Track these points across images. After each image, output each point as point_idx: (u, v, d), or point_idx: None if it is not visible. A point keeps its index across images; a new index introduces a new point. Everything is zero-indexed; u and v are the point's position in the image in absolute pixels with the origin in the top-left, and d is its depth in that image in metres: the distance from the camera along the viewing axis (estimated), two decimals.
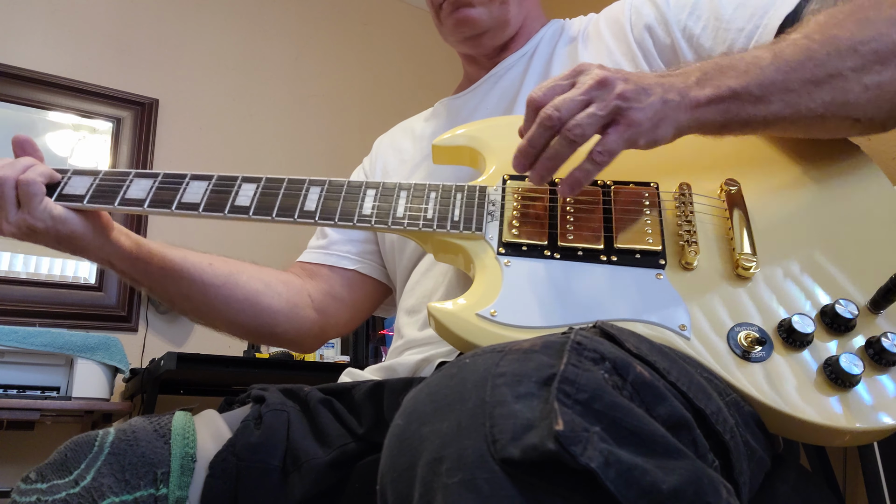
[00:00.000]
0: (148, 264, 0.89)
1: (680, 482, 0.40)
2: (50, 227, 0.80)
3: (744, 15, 0.84)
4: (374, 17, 3.48)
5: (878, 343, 0.61)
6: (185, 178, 0.83)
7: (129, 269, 0.89)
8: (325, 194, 0.80)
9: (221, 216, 0.79)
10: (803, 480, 0.68)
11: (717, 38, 0.85)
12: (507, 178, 0.80)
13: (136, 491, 0.71)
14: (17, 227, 0.79)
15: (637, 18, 0.93)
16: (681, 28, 0.89)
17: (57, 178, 0.83)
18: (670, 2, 0.92)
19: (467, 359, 0.49)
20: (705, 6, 0.88)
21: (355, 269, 1.06)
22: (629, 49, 0.92)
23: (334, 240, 1.08)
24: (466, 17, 0.96)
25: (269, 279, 1.00)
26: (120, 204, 0.81)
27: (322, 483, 0.76)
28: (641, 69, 0.90)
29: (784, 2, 0.82)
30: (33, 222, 0.79)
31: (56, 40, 2.72)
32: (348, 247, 1.07)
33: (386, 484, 0.46)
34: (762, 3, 0.84)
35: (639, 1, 0.95)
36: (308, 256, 1.09)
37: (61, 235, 0.81)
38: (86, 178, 0.83)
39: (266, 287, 0.98)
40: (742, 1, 0.86)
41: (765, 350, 0.63)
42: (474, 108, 1.02)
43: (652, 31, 0.91)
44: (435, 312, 0.68)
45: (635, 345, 0.51)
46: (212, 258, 0.96)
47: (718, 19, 0.86)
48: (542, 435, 0.40)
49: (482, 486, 0.39)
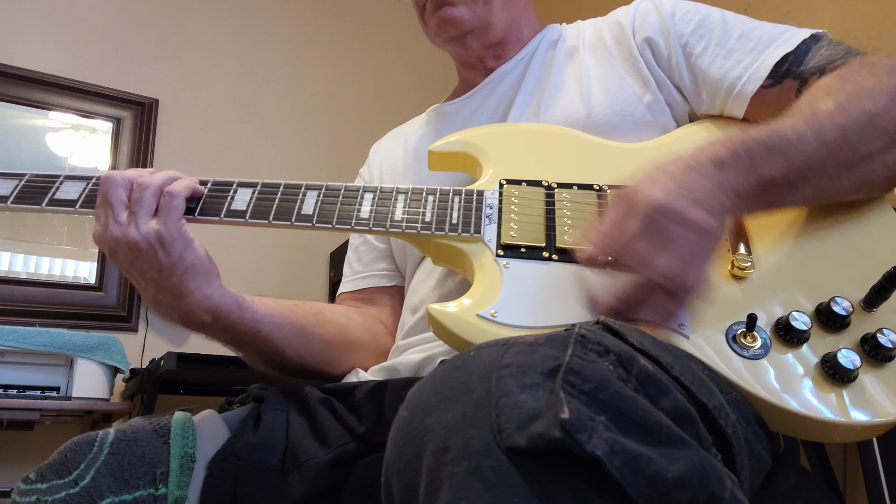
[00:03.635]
0: (255, 312, 0.83)
1: (685, 471, 0.40)
2: (178, 243, 0.73)
3: (745, 47, 0.85)
4: (373, 18, 3.48)
5: (873, 339, 0.62)
6: None
7: (237, 320, 0.81)
8: (322, 198, 0.79)
9: (217, 220, 0.79)
10: (804, 480, 0.68)
11: (714, 64, 0.86)
12: (504, 182, 0.80)
13: (135, 491, 0.71)
14: (145, 235, 0.72)
15: (641, 26, 0.93)
16: (682, 43, 0.89)
17: (200, 192, 0.79)
18: (676, 14, 0.92)
19: (472, 352, 0.49)
20: (710, 27, 0.88)
21: (396, 284, 1.05)
22: (630, 55, 0.92)
23: (366, 261, 1.07)
24: (449, 17, 0.96)
25: (348, 311, 0.97)
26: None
27: (322, 482, 0.76)
28: (643, 76, 0.90)
29: (785, 41, 0.83)
30: (167, 233, 0.73)
31: (56, 40, 2.72)
32: (382, 264, 1.06)
33: (391, 475, 0.46)
34: (766, 38, 0.84)
35: (644, 8, 0.95)
36: (350, 286, 1.07)
37: (184, 257, 0.74)
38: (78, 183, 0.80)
39: (348, 319, 0.95)
40: (746, 32, 0.86)
41: (762, 347, 0.64)
42: (471, 113, 1.01)
43: (652, 42, 0.91)
44: (435, 314, 0.68)
45: (638, 339, 0.52)
46: (286, 301, 0.90)
47: (721, 45, 0.86)
48: (548, 423, 0.40)
49: (488, 474, 0.40)
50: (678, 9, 0.92)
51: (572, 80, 0.95)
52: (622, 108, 0.89)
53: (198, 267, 0.76)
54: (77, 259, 2.65)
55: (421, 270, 0.95)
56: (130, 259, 0.74)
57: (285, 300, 0.91)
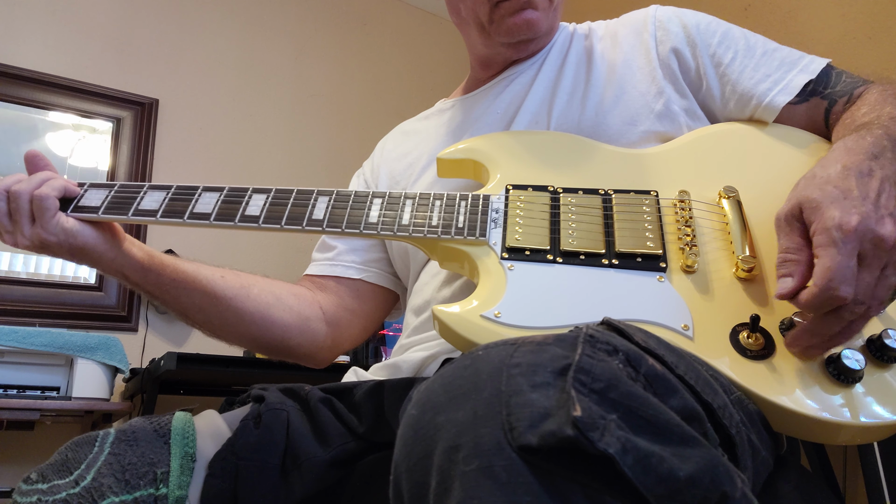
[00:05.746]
0: (160, 276, 0.89)
1: (696, 470, 0.40)
2: (62, 240, 0.81)
3: (771, 64, 0.89)
4: (373, 17, 3.48)
5: (879, 340, 0.62)
6: (196, 189, 0.85)
7: (142, 281, 0.89)
8: (332, 203, 0.82)
9: (232, 225, 0.81)
10: (805, 481, 0.68)
11: (744, 74, 0.89)
12: (511, 187, 0.82)
13: (136, 491, 0.71)
14: (31, 240, 0.81)
15: (664, 36, 0.94)
16: (710, 53, 0.91)
17: (74, 191, 0.84)
18: (700, 25, 0.93)
19: (480, 351, 0.49)
20: (735, 39, 0.92)
21: (361, 279, 1.06)
22: (649, 63, 0.93)
23: (339, 251, 1.08)
24: (530, 21, 0.94)
25: (280, 292, 0.99)
26: (133, 214, 0.83)
27: (322, 482, 0.77)
28: (658, 84, 0.91)
29: (809, 66, 0.88)
30: (46, 236, 0.80)
31: (56, 40, 2.72)
32: (352, 256, 1.07)
33: (401, 473, 0.46)
34: (788, 60, 0.90)
35: (665, 17, 0.95)
36: (314, 269, 1.09)
37: (74, 248, 0.82)
38: (101, 191, 0.86)
39: (276, 300, 0.98)
40: (769, 51, 0.91)
41: (767, 348, 0.64)
42: (484, 111, 1.01)
43: (679, 54, 0.92)
44: (440, 315, 0.69)
45: (643, 339, 0.52)
46: (224, 271, 0.96)
47: (749, 57, 0.90)
48: (560, 421, 0.40)
49: (500, 472, 0.40)
50: (701, 20, 0.94)
51: (583, 85, 0.95)
52: (632, 117, 0.89)
53: (91, 245, 0.83)
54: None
55: (425, 273, 0.96)
56: (47, 254, 0.84)
57: (221, 269, 0.96)
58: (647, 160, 0.84)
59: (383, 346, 2.69)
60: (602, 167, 0.84)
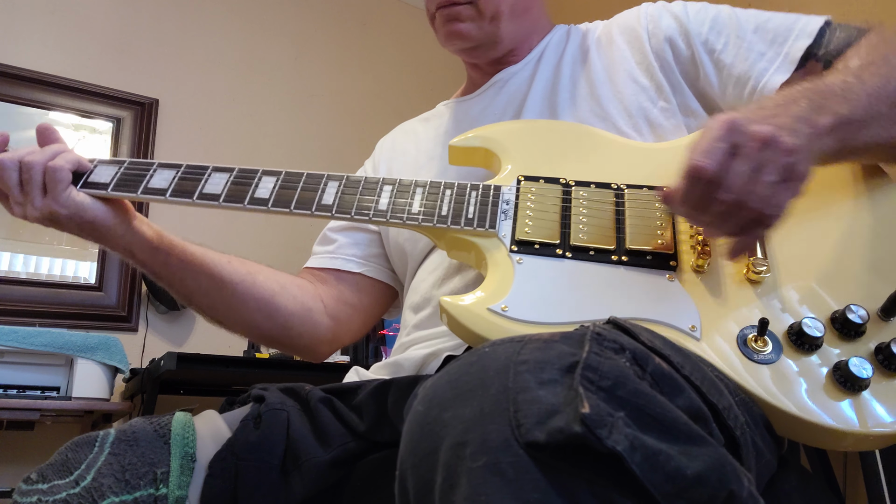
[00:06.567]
0: (168, 256, 0.89)
1: (704, 468, 0.40)
2: (73, 213, 0.80)
3: (764, 39, 0.87)
4: (373, 17, 3.47)
5: (887, 349, 0.61)
6: (206, 169, 0.85)
7: (149, 260, 0.88)
8: (342, 189, 0.81)
9: (241, 207, 0.81)
10: (805, 481, 0.68)
11: (738, 56, 0.87)
12: (522, 178, 0.81)
13: (136, 491, 0.71)
14: (41, 212, 0.80)
15: (655, 28, 0.94)
16: (702, 41, 0.90)
17: (86, 165, 0.84)
18: (689, 14, 0.93)
19: (486, 348, 0.49)
20: (725, 23, 0.90)
21: (361, 273, 1.06)
22: (645, 58, 0.93)
23: (339, 244, 1.08)
24: (456, 32, 0.97)
25: (285, 281, 0.99)
26: (143, 192, 0.83)
27: (322, 482, 0.77)
28: (657, 79, 0.91)
29: (804, 31, 0.85)
30: (57, 208, 0.80)
31: (56, 40, 2.71)
32: (353, 250, 1.07)
33: (406, 469, 0.46)
34: (781, 29, 0.86)
35: (655, 11, 0.95)
36: (315, 262, 1.09)
37: (84, 222, 0.82)
38: (111, 167, 0.85)
39: (282, 288, 0.98)
40: (760, 24, 0.88)
41: (774, 353, 0.63)
42: (481, 111, 1.01)
43: (673, 44, 0.92)
44: (446, 306, 0.68)
45: (649, 339, 0.52)
46: (230, 257, 0.96)
47: (740, 38, 0.88)
48: (568, 418, 0.40)
49: (507, 469, 0.40)
50: (689, 8, 0.93)
51: (584, 83, 0.95)
52: (636, 112, 0.89)
53: (101, 221, 0.82)
54: (77, 259, 2.65)
55: (423, 270, 0.96)
56: (55, 227, 0.82)
57: (227, 255, 0.95)
58: (662, 155, 0.83)
59: (383, 346, 2.69)
60: (616, 161, 0.82)
